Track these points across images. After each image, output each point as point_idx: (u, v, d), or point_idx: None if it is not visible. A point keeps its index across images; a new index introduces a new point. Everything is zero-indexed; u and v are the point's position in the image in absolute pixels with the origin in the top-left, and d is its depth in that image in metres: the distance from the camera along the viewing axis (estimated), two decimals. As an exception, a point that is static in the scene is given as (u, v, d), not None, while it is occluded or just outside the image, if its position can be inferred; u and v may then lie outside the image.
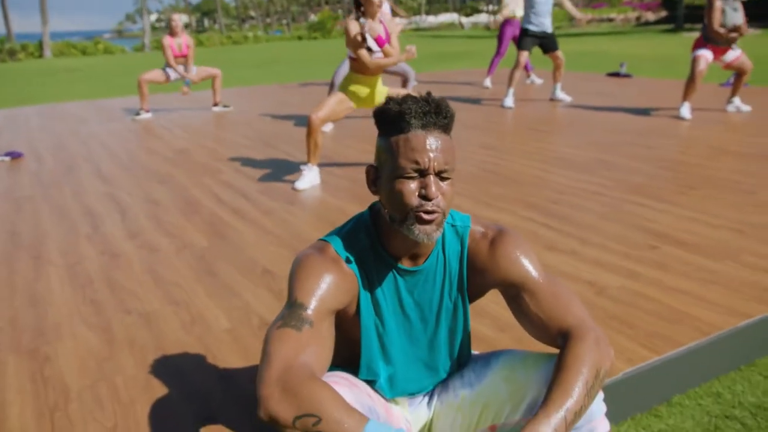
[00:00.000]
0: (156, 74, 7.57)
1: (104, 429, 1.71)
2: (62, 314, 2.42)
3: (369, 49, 3.96)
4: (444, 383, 1.48)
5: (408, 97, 1.22)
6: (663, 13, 35.03)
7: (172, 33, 7.52)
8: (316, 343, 1.18)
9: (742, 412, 1.98)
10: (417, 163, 1.18)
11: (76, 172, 4.78)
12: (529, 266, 1.33)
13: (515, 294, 1.33)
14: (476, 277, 1.37)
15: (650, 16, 36.05)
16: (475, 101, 7.90)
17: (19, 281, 2.75)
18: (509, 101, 7.32)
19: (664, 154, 4.71)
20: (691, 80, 6.10)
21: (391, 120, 1.21)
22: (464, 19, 56.40)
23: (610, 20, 39.24)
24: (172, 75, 7.61)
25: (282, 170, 4.63)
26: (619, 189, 3.84)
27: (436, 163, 1.18)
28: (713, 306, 2.30)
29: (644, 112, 6.66)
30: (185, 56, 7.55)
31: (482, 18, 57.38)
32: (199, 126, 6.87)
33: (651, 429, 1.91)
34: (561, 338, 1.26)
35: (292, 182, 4.22)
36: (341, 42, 28.20)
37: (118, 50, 28.18)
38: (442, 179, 1.21)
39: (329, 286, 1.24)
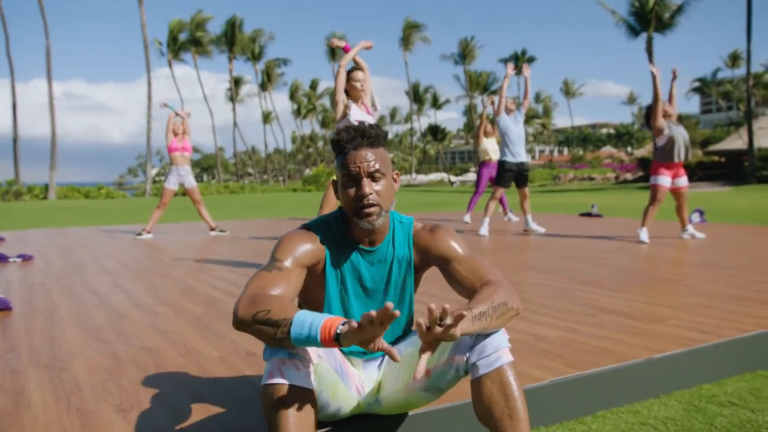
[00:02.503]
0: (168, 194, 8.34)
1: (112, 405, 2.06)
2: (74, 345, 2.80)
3: (349, 122, 4.69)
4: (395, 348, 1.88)
5: (344, 128, 1.74)
6: (640, 173, 37.41)
7: (175, 133, 8.43)
8: (283, 283, 1.62)
9: (656, 422, 2.33)
10: (351, 173, 1.70)
11: (83, 270, 5.24)
12: (457, 246, 1.81)
13: (448, 265, 1.79)
14: (419, 256, 1.84)
15: (628, 176, 38.39)
16: (457, 232, 8.53)
17: (36, 329, 3.13)
18: (484, 230, 7.96)
19: (617, 264, 5.25)
20: (650, 206, 6.80)
21: (335, 147, 1.74)
22: (453, 177, 59.37)
23: (591, 179, 41.65)
24: (174, 184, 8.40)
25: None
26: (571, 283, 4.32)
27: (364, 169, 1.69)
28: (635, 347, 2.71)
29: (609, 238, 7.29)
30: (187, 151, 8.40)
31: (470, 176, 60.46)
32: (197, 243, 7.42)
33: (575, 430, 2.26)
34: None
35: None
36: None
37: (120, 195, 29.50)
38: (375, 180, 1.71)
39: (300, 247, 1.71)
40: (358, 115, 4.74)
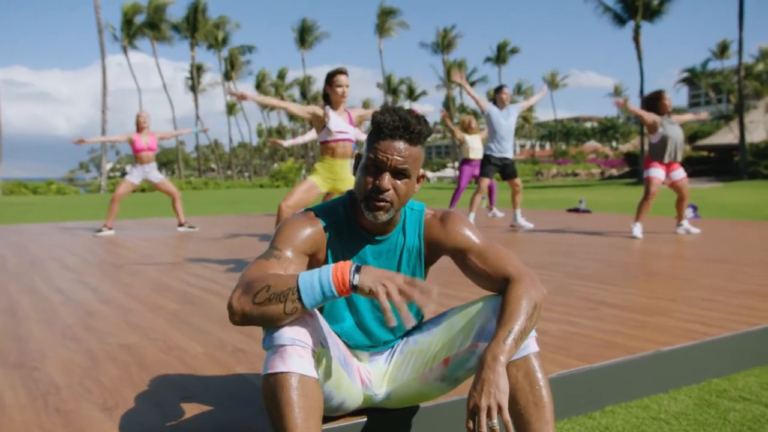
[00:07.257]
0: (127, 186, 8.22)
1: (95, 404, 2.03)
2: (43, 344, 2.75)
3: (329, 131, 4.67)
4: (405, 338, 1.88)
5: (391, 110, 1.68)
6: (626, 169, 38.00)
7: (139, 129, 8.28)
8: (281, 271, 1.59)
9: (667, 416, 2.38)
10: (378, 159, 1.66)
11: (41, 266, 5.15)
12: (472, 235, 1.80)
13: (464, 257, 1.78)
14: (431, 247, 1.84)
15: (614, 172, 38.95)
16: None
17: (-2, 328, 3.07)
18: (471, 224, 8.00)
19: (612, 258, 5.33)
20: (644, 200, 6.91)
21: (374, 126, 1.69)
22: (430, 174, 59.58)
23: (575, 175, 42.13)
24: (137, 178, 8.29)
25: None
26: (567, 277, 4.38)
27: (392, 163, 1.65)
28: (641, 340, 2.76)
29: (600, 234, 7.39)
30: (152, 150, 8.31)
31: (448, 172, 60.79)
32: (165, 239, 7.35)
33: (585, 426, 2.29)
34: (504, 283, 1.70)
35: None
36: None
37: (72, 191, 28.99)
38: (400, 178, 1.68)
39: (300, 233, 1.69)
40: (338, 124, 4.71)
